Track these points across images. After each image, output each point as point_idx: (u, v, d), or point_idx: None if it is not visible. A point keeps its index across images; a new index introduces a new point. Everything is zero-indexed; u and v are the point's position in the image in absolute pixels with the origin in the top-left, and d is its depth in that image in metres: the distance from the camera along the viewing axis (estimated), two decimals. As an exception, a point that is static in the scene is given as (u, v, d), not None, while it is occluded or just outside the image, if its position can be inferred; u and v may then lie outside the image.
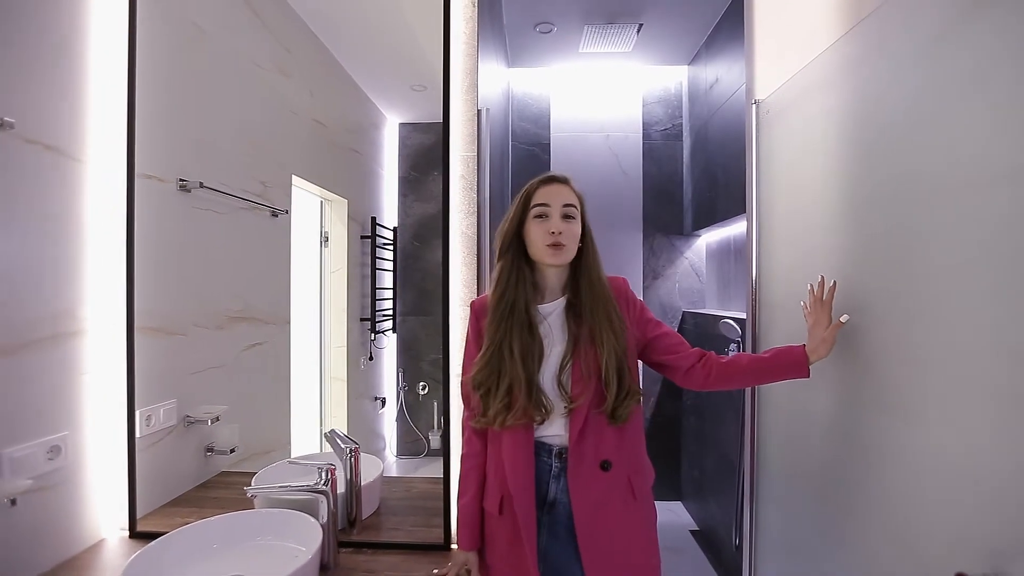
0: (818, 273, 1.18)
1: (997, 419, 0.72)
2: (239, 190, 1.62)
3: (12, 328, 1.11)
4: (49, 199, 1.20)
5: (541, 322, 1.12)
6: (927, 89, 0.86)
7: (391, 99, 1.76)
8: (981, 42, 0.74)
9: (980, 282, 0.75)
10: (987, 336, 0.73)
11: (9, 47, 1.10)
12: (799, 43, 1.31)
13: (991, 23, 0.72)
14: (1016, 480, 0.68)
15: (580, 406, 1.05)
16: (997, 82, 0.72)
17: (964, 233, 0.78)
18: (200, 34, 1.58)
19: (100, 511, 1.34)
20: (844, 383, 1.12)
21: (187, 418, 1.53)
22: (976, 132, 0.75)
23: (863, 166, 1.05)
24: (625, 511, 1.09)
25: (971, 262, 0.76)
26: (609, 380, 1.05)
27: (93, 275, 1.31)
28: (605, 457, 1.06)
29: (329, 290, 1.77)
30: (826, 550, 1.18)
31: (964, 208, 0.77)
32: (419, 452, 1.76)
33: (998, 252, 0.71)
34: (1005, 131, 0.70)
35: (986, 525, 0.73)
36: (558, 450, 1.09)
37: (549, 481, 1.09)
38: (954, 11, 0.80)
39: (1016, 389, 0.69)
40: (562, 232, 1.09)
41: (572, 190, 1.15)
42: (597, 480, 1.06)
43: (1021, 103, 0.68)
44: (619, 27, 2.84)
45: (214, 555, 1.15)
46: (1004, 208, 0.70)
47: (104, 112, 1.34)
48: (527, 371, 1.06)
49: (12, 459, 1.10)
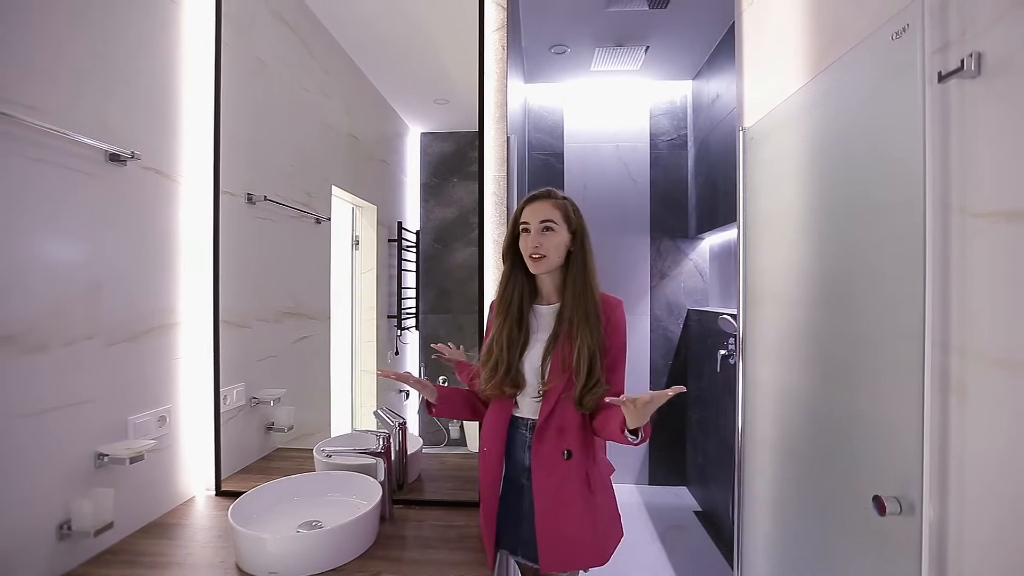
0: (789, 272, 1.42)
1: (915, 390, 0.94)
2: (290, 200, 1.83)
3: (132, 320, 1.37)
4: (156, 214, 1.46)
5: (534, 319, 1.35)
6: (867, 129, 1.10)
7: (415, 111, 1.89)
8: (903, 97, 0.97)
9: (906, 284, 0.97)
10: (914, 326, 0.95)
11: (136, 93, 1.37)
12: (775, 84, 1.55)
13: (905, 87, 0.95)
14: (914, 432, 0.92)
15: (551, 390, 1.25)
16: (909, 128, 0.95)
17: (894, 244, 1.01)
18: (262, 66, 1.81)
19: (191, 473, 1.60)
20: (812, 365, 1.35)
21: (253, 399, 1.77)
22: (901, 165, 0.98)
23: (821, 188, 1.29)
24: (580, 498, 1.25)
25: (899, 267, 0.99)
26: (580, 369, 1.21)
27: (184, 277, 1.57)
28: (568, 447, 1.24)
29: (360, 289, 1.94)
30: (804, 513, 1.41)
31: (894, 224, 1.01)
32: (440, 442, 1.88)
33: (917, 261, 0.94)
34: (913, 165, 0.93)
35: (897, 462, 0.97)
36: (532, 423, 1.30)
37: (525, 451, 1.31)
38: (885, 72, 1.03)
39: (934, 370, 0.92)
40: (540, 245, 1.25)
41: (552, 205, 1.28)
42: (559, 466, 1.25)
43: (927, 146, 0.92)
44: (628, 49, 3.08)
45: (294, 505, 1.41)
46: (917, 228, 0.93)
47: (193, 139, 1.60)
48: (509, 356, 1.29)
49: (135, 424, 1.37)
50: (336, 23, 1.85)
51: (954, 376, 0.90)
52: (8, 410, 1.04)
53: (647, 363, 3.74)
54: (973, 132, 0.86)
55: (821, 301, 1.30)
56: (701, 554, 2.84)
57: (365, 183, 1.93)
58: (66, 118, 1.15)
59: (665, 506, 3.40)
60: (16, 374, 1.06)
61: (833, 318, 1.25)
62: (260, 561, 1.17)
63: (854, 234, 1.15)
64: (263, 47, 1.80)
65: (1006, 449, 0.80)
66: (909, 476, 0.93)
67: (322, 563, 1.18)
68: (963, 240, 0.88)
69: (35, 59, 1.10)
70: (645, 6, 2.64)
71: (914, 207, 0.92)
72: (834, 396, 1.23)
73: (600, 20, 2.81)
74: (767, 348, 1.60)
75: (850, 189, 1.17)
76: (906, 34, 0.94)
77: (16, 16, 1.06)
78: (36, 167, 1.10)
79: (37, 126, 1.07)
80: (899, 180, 0.97)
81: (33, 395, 1.10)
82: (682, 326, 3.71)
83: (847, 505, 1.14)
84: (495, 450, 1.32)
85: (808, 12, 1.37)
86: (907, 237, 0.95)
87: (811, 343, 1.34)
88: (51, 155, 1.13)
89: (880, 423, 1.04)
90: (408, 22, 1.85)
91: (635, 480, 3.70)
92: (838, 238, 1.23)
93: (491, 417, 1.35)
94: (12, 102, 1.04)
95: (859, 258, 1.14)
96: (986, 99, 0.84)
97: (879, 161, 1.05)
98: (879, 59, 1.03)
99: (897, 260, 0.98)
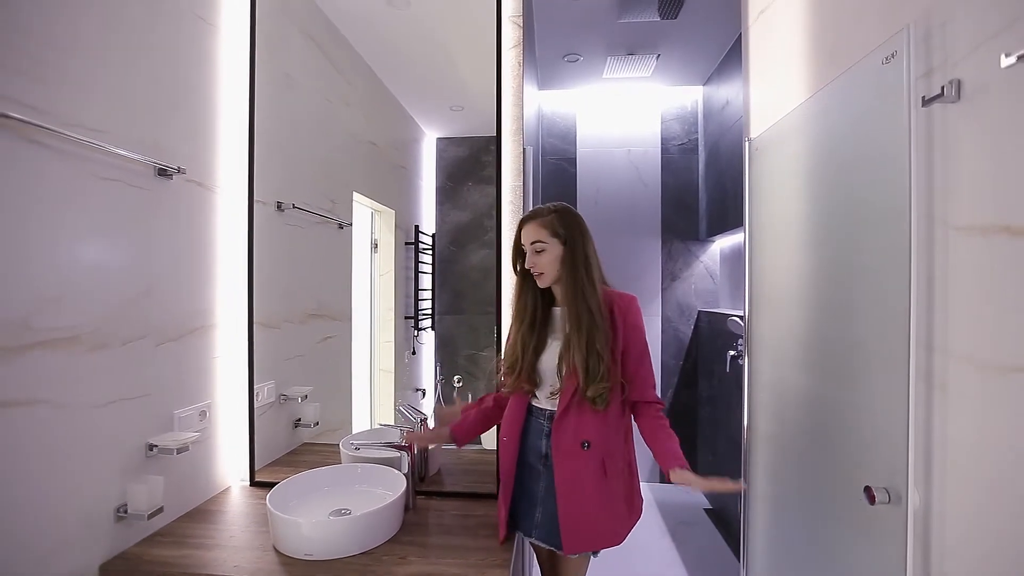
0: (790, 276, 1.50)
1: (902, 387, 1.02)
2: (315, 207, 1.93)
3: (177, 321, 1.48)
4: (197, 223, 1.57)
5: (552, 321, 1.45)
6: (860, 146, 1.18)
7: (431, 117, 1.95)
8: (892, 117, 1.05)
9: (894, 289, 1.05)
10: (901, 328, 1.03)
11: (182, 113, 1.48)
12: (779, 98, 1.63)
13: (893, 109, 1.03)
14: (900, 426, 0.99)
15: (565, 389, 1.35)
16: (897, 147, 1.02)
17: (884, 253, 1.08)
18: (290, 82, 1.90)
19: (228, 464, 1.72)
20: (811, 364, 1.42)
21: (282, 396, 1.87)
22: (890, 180, 1.05)
23: (819, 198, 1.37)
24: (596, 484, 1.35)
25: (888, 274, 1.07)
26: (577, 368, 1.32)
27: (221, 281, 1.68)
28: (585, 438, 1.35)
29: (378, 291, 2.01)
30: (803, 505, 1.48)
31: (883, 235, 1.08)
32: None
33: (904, 268, 1.01)
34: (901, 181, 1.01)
35: (886, 455, 1.05)
36: (549, 414, 1.41)
37: (542, 438, 1.42)
38: (876, 94, 1.11)
39: (919, 369, 1.00)
40: (535, 265, 1.37)
41: (539, 225, 1.38)
42: (577, 456, 1.36)
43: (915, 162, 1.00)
44: (639, 57, 3.16)
45: (325, 494, 1.51)
46: (904, 238, 1.00)
47: (230, 152, 1.71)
48: (526, 357, 1.41)
49: (179, 418, 1.48)
50: (358, 36, 1.94)
51: (937, 374, 0.97)
52: (78, 401, 1.16)
53: (659, 363, 3.81)
54: (953, 152, 0.94)
55: (819, 304, 1.37)
56: (711, 550, 2.91)
57: (384, 188, 2.00)
58: (124, 138, 1.27)
59: (676, 503, 3.47)
60: (82, 371, 1.17)
61: (829, 320, 1.32)
62: (296, 544, 1.27)
63: (848, 242, 1.23)
64: (291, 63, 1.90)
65: (981, 441, 0.88)
66: (896, 467, 1.01)
67: (353, 547, 1.29)
68: (945, 250, 0.96)
69: (99, 87, 1.21)
70: (656, 16, 2.72)
71: (901, 219, 1.00)
72: (831, 393, 1.30)
73: (612, 30, 2.89)
74: (770, 348, 1.67)
75: (845, 200, 1.25)
76: (894, 60, 1.02)
77: (83, 52, 1.17)
78: (101, 184, 1.22)
79: (102, 147, 1.19)
80: (888, 194, 1.05)
81: (97, 389, 1.21)
82: (693, 327, 3.78)
83: (842, 496, 1.22)
84: (513, 437, 1.43)
85: (809, 32, 1.45)
86: (895, 246, 1.02)
87: (810, 343, 1.42)
88: (112, 172, 1.25)
89: (871, 418, 1.12)
90: (426, 34, 1.92)
91: (647, 478, 3.78)
92: (834, 246, 1.30)
93: (511, 407, 1.47)
94: (81, 126, 1.15)
95: (853, 264, 1.21)
96: (965, 123, 0.91)
97: (870, 176, 1.13)
98: (871, 82, 1.11)
99: (886, 267, 1.06)
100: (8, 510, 1.02)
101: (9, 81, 1.01)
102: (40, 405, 1.07)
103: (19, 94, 1.02)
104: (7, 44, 1.01)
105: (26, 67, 1.04)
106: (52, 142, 1.09)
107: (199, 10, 1.55)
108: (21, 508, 1.05)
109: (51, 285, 1.10)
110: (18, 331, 1.02)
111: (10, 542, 1.03)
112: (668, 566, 2.73)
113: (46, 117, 1.07)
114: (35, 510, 1.08)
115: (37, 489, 1.08)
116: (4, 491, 1.02)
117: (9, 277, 1.02)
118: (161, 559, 1.26)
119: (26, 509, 1.06)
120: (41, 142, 1.07)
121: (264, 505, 1.48)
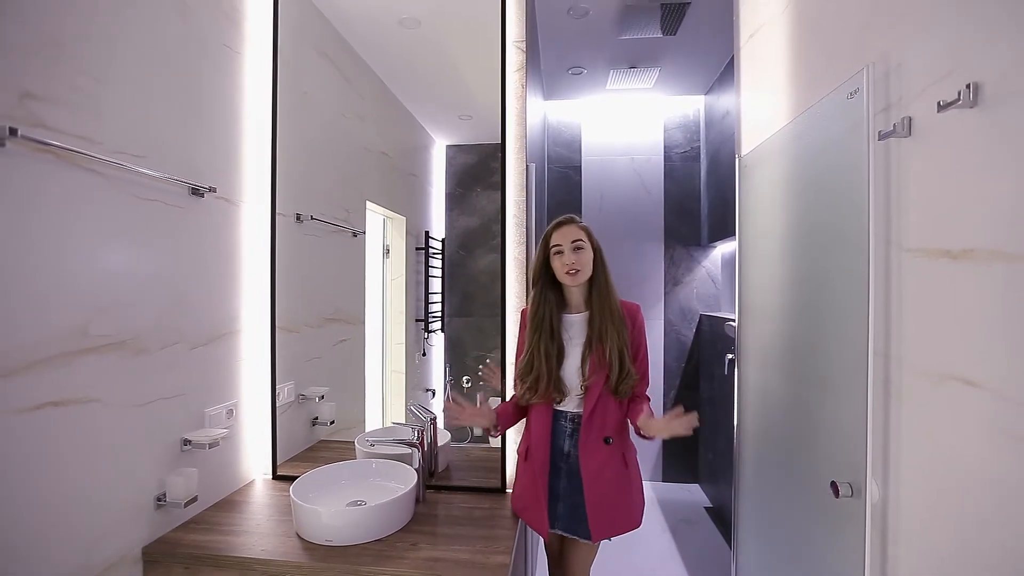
0: (771, 288, 1.61)
1: (862, 392, 1.13)
2: (331, 217, 2.04)
3: (207, 327, 1.61)
4: (224, 236, 1.70)
5: (566, 329, 1.56)
6: (827, 171, 1.29)
7: (440, 125, 2.03)
8: (854, 148, 1.15)
9: (855, 303, 1.15)
10: (861, 339, 1.14)
11: (212, 136, 1.62)
12: (765, 118, 1.75)
13: (856, 140, 1.13)
14: (861, 427, 1.10)
15: (593, 385, 1.48)
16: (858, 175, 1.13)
17: (847, 270, 1.19)
18: (307, 98, 2.01)
19: (252, 459, 1.85)
20: (788, 369, 1.53)
21: (301, 396, 1.99)
22: (852, 205, 1.16)
23: (795, 217, 1.49)
24: (617, 474, 1.52)
25: (850, 288, 1.17)
26: (612, 363, 1.46)
27: (246, 288, 1.81)
28: (607, 434, 1.50)
29: (390, 296, 2.11)
30: (784, 498, 1.59)
31: (846, 253, 1.19)
32: (463, 439, 2.04)
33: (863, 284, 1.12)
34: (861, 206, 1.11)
35: (849, 453, 1.16)
36: (572, 415, 1.53)
37: (565, 438, 1.54)
38: (842, 126, 1.21)
39: (876, 376, 1.11)
40: (575, 261, 1.48)
41: (578, 227, 1.52)
42: (600, 451, 1.50)
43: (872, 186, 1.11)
44: (641, 70, 3.27)
45: (342, 487, 1.64)
46: (863, 257, 1.11)
47: (253, 169, 1.84)
48: (549, 367, 1.51)
49: (209, 416, 1.61)
50: (370, 54, 2.04)
51: (893, 381, 1.08)
52: (123, 400, 1.30)
53: (661, 365, 3.91)
54: (905, 183, 1.05)
55: (794, 314, 1.49)
56: (710, 547, 3.00)
57: (396, 196, 2.09)
58: (161, 161, 1.40)
59: (677, 502, 3.57)
60: (127, 373, 1.31)
61: (803, 329, 1.44)
62: (317, 531, 1.40)
63: (819, 259, 1.34)
64: (308, 80, 2.01)
65: (930, 441, 0.99)
66: (857, 464, 1.12)
67: (368, 534, 1.41)
68: (899, 270, 1.07)
69: (140, 117, 1.35)
70: (657, 33, 2.83)
71: (861, 240, 1.11)
72: (804, 396, 1.42)
73: (614, 45, 3.00)
74: (756, 353, 1.78)
75: (816, 220, 1.36)
76: (857, 96, 1.12)
77: (128, 86, 1.31)
78: (143, 205, 1.35)
79: (144, 172, 1.32)
80: (851, 217, 1.16)
81: (139, 390, 1.35)
82: (694, 330, 3.88)
83: (813, 489, 1.33)
84: (544, 444, 1.53)
85: (792, 59, 1.56)
86: (856, 265, 1.13)
87: (787, 350, 1.53)
88: (152, 193, 1.38)
89: (837, 419, 1.23)
90: (435, 50, 2.02)
91: (649, 477, 3.88)
92: (808, 261, 1.42)
93: (536, 418, 1.56)
94: (125, 153, 1.29)
95: (822, 279, 1.32)
96: (914, 156, 1.02)
97: (836, 200, 1.24)
98: (838, 114, 1.22)
99: (849, 283, 1.17)
100: (65, 499, 1.16)
101: (70, 116, 1.14)
102: (93, 404, 1.21)
103: (74, 127, 1.16)
104: (66, 82, 1.14)
105: (78, 102, 1.17)
106: (102, 169, 1.22)
107: (226, 40, 1.69)
108: (76, 497, 1.18)
109: (103, 296, 1.23)
110: (79, 338, 1.16)
111: (66, 527, 1.16)
112: (668, 563, 2.83)
113: (96, 147, 1.21)
114: (88, 498, 1.21)
115: (90, 480, 1.22)
116: (62, 482, 1.15)
117: (71, 289, 1.15)
118: (197, 543, 1.39)
119: (80, 498, 1.19)
120: (94, 169, 1.20)
121: (286, 496, 1.62)
